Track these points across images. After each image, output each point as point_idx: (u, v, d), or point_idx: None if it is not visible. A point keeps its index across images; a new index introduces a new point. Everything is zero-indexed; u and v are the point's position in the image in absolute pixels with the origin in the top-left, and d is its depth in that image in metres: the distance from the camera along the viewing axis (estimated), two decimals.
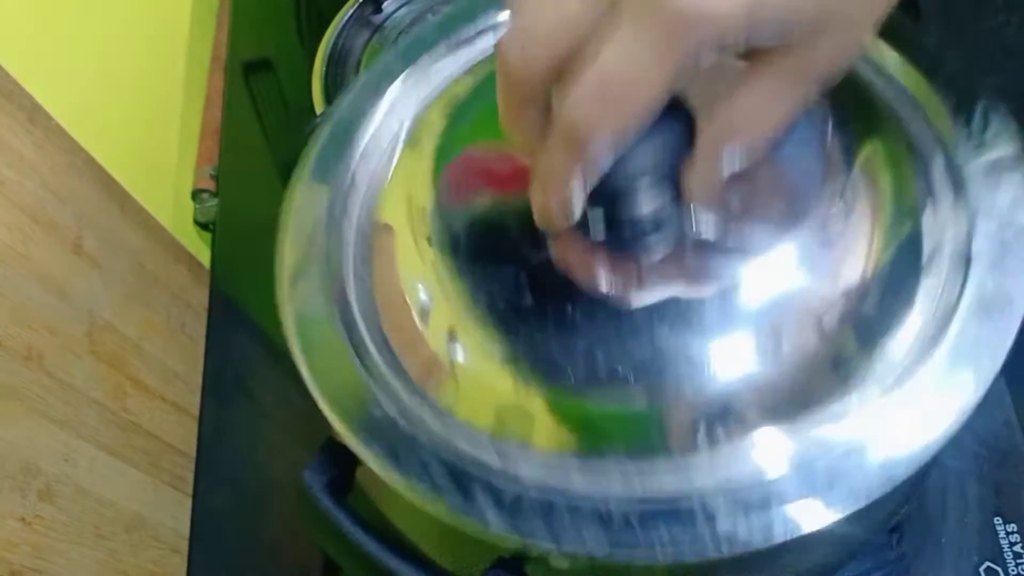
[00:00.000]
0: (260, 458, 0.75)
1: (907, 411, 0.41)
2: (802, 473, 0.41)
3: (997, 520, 0.60)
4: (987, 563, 0.59)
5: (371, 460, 0.46)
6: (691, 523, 0.43)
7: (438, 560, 0.52)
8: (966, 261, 0.44)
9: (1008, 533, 0.60)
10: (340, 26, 0.94)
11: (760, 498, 0.42)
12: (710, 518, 0.43)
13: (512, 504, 0.45)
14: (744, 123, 0.33)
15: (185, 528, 0.74)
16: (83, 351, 0.70)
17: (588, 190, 0.34)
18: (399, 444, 0.47)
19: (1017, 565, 0.58)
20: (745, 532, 0.40)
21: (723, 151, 0.33)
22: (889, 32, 0.45)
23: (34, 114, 0.68)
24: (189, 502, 0.76)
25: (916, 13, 0.81)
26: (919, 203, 0.47)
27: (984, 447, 0.63)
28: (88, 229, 0.73)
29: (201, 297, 0.89)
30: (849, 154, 0.47)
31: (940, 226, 0.46)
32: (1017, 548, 0.59)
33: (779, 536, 0.41)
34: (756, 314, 0.42)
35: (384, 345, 0.48)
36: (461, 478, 0.46)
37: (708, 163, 0.34)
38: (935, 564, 0.59)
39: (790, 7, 0.30)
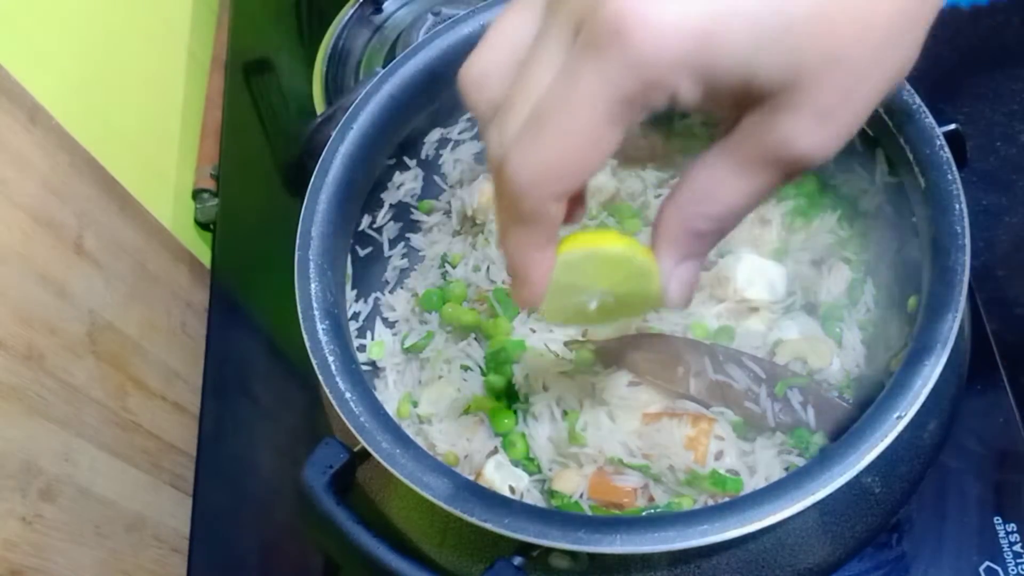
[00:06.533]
0: (260, 458, 0.75)
1: None
2: None
3: (997, 520, 0.60)
4: (987, 563, 0.59)
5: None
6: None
7: (438, 560, 0.52)
8: None
9: (1008, 533, 0.60)
10: (340, 26, 0.94)
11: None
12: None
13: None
14: (699, 202, 0.32)
15: (185, 527, 0.74)
16: (84, 351, 0.70)
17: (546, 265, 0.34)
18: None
19: (1017, 565, 0.58)
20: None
21: (682, 221, 0.33)
22: None
23: (35, 114, 0.68)
24: (189, 501, 0.76)
25: None
26: None
27: (984, 447, 0.63)
28: (89, 229, 0.73)
29: (201, 297, 0.89)
30: None
31: None
32: (1017, 548, 0.59)
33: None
34: None
35: None
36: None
37: (668, 226, 0.33)
38: (935, 564, 0.59)
39: (751, 46, 0.27)
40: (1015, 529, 0.60)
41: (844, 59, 0.27)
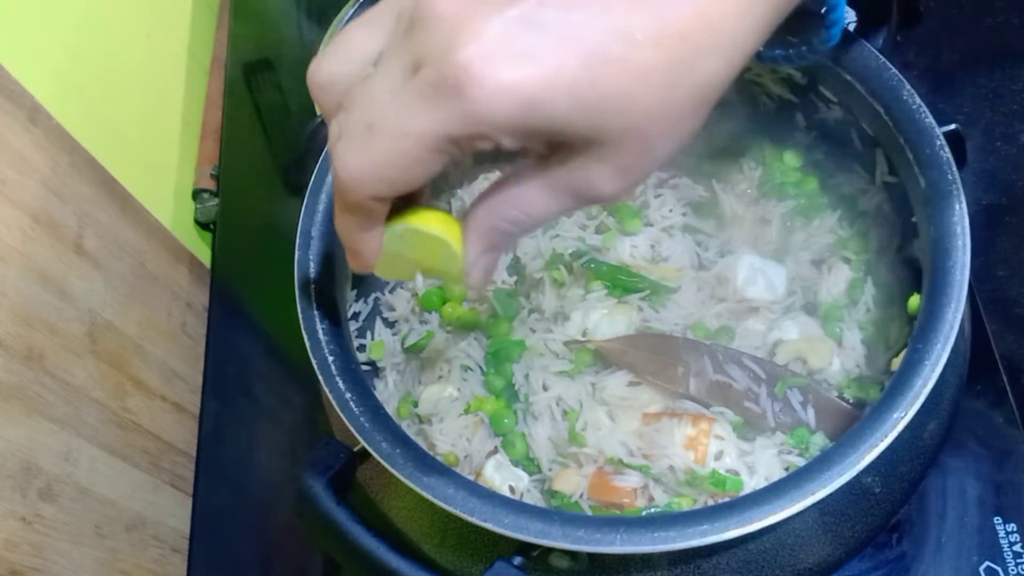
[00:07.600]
0: (260, 458, 0.75)
1: None
2: None
3: (997, 520, 0.60)
4: (987, 563, 0.59)
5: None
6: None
7: (438, 560, 0.52)
8: None
9: (1008, 533, 0.60)
10: (340, 26, 0.94)
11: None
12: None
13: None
14: (508, 207, 0.37)
15: (185, 527, 0.74)
16: (84, 351, 0.70)
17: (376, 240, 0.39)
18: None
19: (1017, 565, 0.58)
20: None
21: (490, 219, 0.38)
22: None
23: (35, 114, 0.68)
24: (189, 501, 0.76)
25: (917, 13, 0.81)
26: None
27: (984, 447, 0.63)
28: (89, 229, 0.73)
29: (201, 297, 0.89)
30: None
31: None
32: (1017, 548, 0.59)
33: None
34: None
35: None
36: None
37: (479, 220, 0.38)
38: (935, 564, 0.59)
39: (568, 111, 0.32)
40: (1015, 529, 0.60)
41: (643, 129, 0.33)
